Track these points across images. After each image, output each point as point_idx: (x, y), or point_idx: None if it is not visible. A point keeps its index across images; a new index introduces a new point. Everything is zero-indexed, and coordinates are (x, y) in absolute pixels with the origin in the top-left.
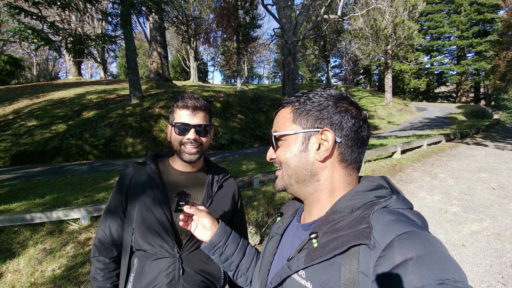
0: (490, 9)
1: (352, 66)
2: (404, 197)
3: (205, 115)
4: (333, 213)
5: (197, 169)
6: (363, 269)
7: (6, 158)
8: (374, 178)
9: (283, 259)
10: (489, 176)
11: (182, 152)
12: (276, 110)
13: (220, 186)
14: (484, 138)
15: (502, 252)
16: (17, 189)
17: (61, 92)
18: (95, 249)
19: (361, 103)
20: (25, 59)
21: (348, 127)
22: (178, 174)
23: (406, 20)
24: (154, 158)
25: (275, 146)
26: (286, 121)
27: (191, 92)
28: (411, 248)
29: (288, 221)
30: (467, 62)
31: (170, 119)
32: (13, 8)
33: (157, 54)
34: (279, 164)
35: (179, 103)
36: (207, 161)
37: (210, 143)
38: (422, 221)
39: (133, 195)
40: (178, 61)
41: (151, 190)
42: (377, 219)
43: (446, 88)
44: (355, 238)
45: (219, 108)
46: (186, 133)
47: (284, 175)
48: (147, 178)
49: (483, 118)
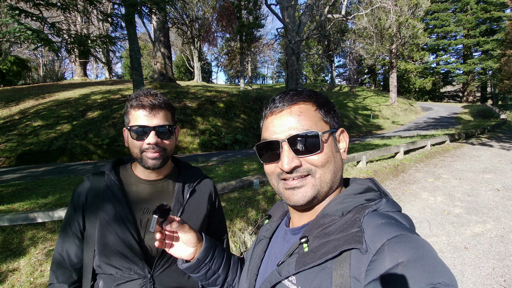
0: (497, 8)
1: (357, 66)
2: (393, 199)
3: (167, 114)
4: (323, 216)
5: (164, 175)
6: (354, 274)
7: (12, 157)
8: (362, 180)
9: (272, 264)
10: (494, 177)
11: (144, 158)
12: (287, 105)
13: (193, 191)
14: (489, 139)
15: (505, 255)
16: (21, 188)
17: (66, 92)
18: (52, 275)
19: (366, 103)
20: (31, 60)
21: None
22: (142, 184)
23: (411, 19)
24: (114, 166)
25: (319, 148)
26: (316, 119)
27: (146, 88)
28: (402, 252)
29: (276, 224)
30: (473, 61)
31: (126, 122)
32: (14, 10)
33: (161, 55)
34: (307, 171)
35: (133, 102)
36: (177, 163)
37: (176, 145)
38: (410, 224)
39: (91, 213)
40: (182, 61)
41: (112, 205)
42: (368, 223)
43: (452, 87)
44: (347, 242)
45: (222, 108)
46: (145, 136)
47: (317, 182)
48: (106, 192)
49: (489, 118)
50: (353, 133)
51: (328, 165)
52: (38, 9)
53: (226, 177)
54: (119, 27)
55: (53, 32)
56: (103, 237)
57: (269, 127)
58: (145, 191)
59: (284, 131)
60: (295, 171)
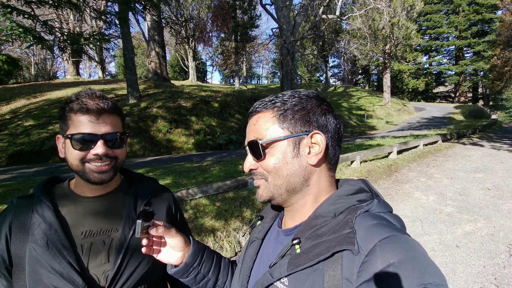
0: (489, 9)
1: (351, 66)
2: (384, 200)
3: (117, 119)
4: (316, 217)
5: (112, 188)
6: (346, 275)
7: (3, 158)
8: (355, 181)
9: (265, 266)
10: (485, 176)
11: (88, 171)
12: (249, 115)
13: (147, 204)
14: (480, 138)
15: (495, 253)
16: (12, 189)
17: (58, 91)
18: None
19: (360, 103)
20: (23, 59)
21: (332, 128)
22: (83, 202)
23: (404, 20)
24: (47, 186)
25: (261, 155)
26: (270, 127)
27: (89, 89)
28: (394, 253)
29: (268, 225)
30: (465, 62)
31: (62, 128)
32: (5, 7)
33: (155, 54)
34: (261, 175)
35: (73, 105)
36: (127, 174)
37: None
38: (401, 224)
39: (18, 246)
40: (177, 60)
41: (42, 233)
42: (360, 224)
43: (445, 88)
44: (339, 243)
45: (217, 108)
46: (91, 146)
47: (270, 186)
48: (34, 218)
49: (481, 118)
50: (347, 133)
51: (277, 170)
52: (30, 7)
53: (221, 177)
54: (112, 25)
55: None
56: (35, 274)
57: (246, 131)
58: (86, 210)
59: (248, 137)
60: (252, 173)
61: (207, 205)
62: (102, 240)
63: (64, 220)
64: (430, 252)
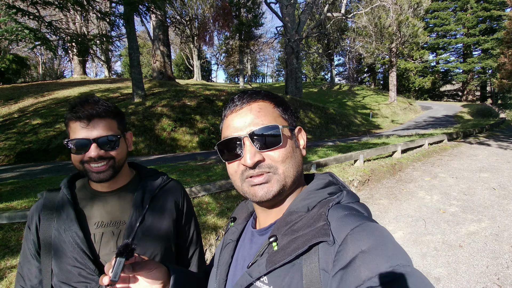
0: (497, 6)
1: (356, 65)
2: (352, 191)
3: (110, 122)
4: (290, 214)
5: (123, 184)
6: (323, 266)
7: (11, 156)
8: (323, 175)
9: (241, 267)
10: (490, 176)
11: (88, 171)
12: (243, 102)
13: (155, 197)
14: (487, 138)
15: (499, 253)
16: (19, 187)
17: (65, 90)
18: None
19: (365, 102)
20: (30, 58)
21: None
22: (100, 196)
23: (411, 18)
24: (71, 181)
25: (281, 141)
26: (275, 115)
27: (86, 96)
28: (365, 240)
29: (241, 226)
30: (473, 60)
31: (66, 134)
32: (11, 8)
33: (160, 53)
34: (268, 168)
35: (69, 113)
36: (138, 169)
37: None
38: (368, 213)
39: (45, 232)
40: (182, 59)
41: (62, 223)
42: (332, 215)
43: (452, 86)
44: (315, 236)
45: (221, 106)
46: (85, 149)
47: (281, 177)
48: (58, 209)
49: (489, 117)
50: (352, 132)
51: (290, 160)
52: (36, 7)
53: (224, 176)
54: (116, 26)
55: (51, 31)
56: (57, 257)
57: (230, 125)
58: (100, 203)
59: (245, 127)
60: (258, 167)
61: (210, 203)
62: (112, 230)
63: (82, 212)
64: (432, 252)
